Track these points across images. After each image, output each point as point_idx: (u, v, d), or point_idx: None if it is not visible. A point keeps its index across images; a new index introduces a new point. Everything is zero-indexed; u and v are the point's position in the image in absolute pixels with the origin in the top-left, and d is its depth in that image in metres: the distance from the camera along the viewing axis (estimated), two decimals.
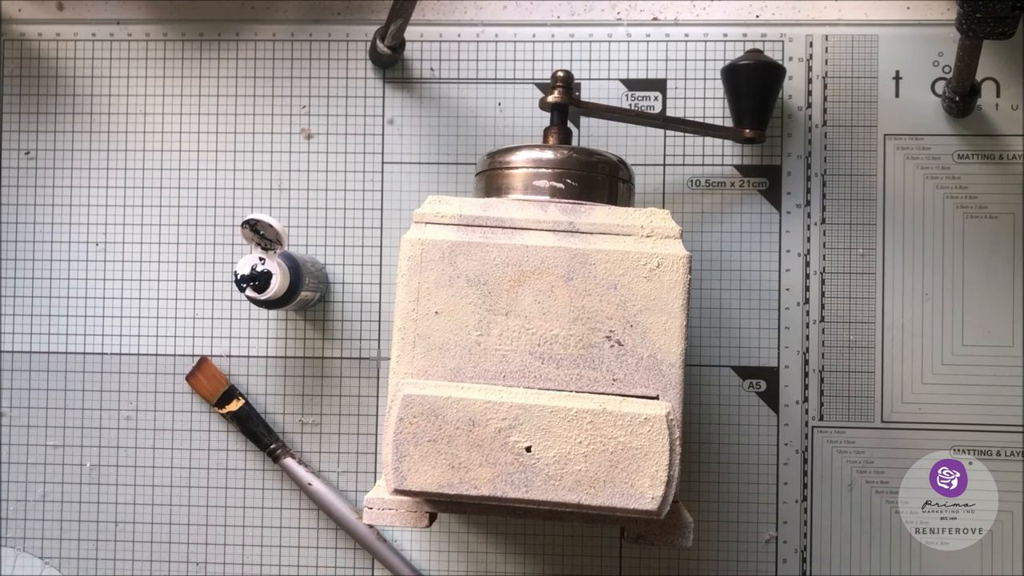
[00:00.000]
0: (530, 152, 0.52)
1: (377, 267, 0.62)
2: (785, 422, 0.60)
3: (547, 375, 0.48)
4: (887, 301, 0.60)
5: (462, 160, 0.62)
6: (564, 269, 0.48)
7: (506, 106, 0.62)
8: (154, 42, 0.63)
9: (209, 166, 0.62)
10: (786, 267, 0.61)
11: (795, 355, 0.60)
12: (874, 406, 0.60)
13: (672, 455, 0.46)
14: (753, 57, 0.59)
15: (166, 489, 0.61)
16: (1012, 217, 0.60)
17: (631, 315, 0.48)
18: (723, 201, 0.61)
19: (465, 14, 0.63)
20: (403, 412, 0.46)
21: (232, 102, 0.63)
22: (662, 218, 0.49)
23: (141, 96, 0.63)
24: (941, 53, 0.61)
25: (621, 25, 0.62)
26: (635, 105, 0.62)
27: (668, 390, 0.47)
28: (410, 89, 0.62)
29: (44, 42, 0.63)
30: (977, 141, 0.61)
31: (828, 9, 0.62)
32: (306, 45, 0.62)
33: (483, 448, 0.46)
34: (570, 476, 0.46)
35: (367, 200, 0.62)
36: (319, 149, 0.62)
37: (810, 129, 0.61)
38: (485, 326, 0.48)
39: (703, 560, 0.60)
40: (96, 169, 0.62)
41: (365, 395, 0.61)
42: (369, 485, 0.61)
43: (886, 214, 0.61)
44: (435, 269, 0.48)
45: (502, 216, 0.49)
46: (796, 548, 0.60)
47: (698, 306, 0.60)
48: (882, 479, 0.60)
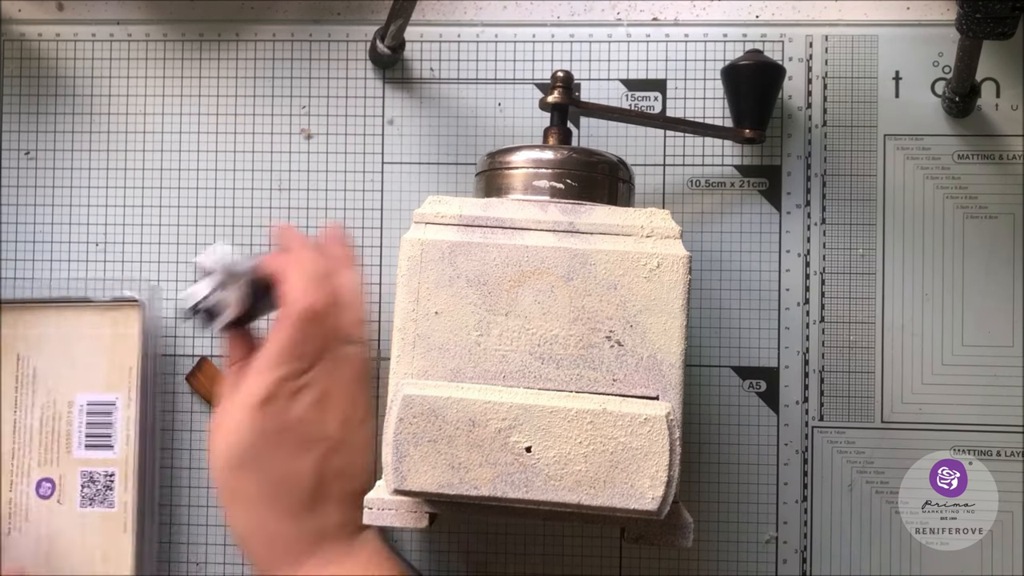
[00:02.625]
0: (530, 152, 0.52)
1: (377, 267, 0.62)
2: (785, 422, 0.60)
3: (547, 375, 0.48)
4: (887, 301, 0.60)
5: (462, 160, 0.62)
6: (564, 269, 0.48)
7: (506, 106, 0.62)
8: (154, 42, 0.63)
9: (209, 166, 0.62)
10: (786, 267, 0.61)
11: (795, 355, 0.60)
12: (874, 406, 0.60)
13: (672, 455, 0.46)
14: (753, 57, 0.59)
15: (166, 489, 0.61)
16: (1012, 217, 0.60)
17: (631, 315, 0.48)
18: (723, 201, 0.61)
19: (465, 14, 0.63)
20: (403, 412, 0.46)
21: (232, 102, 0.63)
22: (662, 218, 0.49)
23: (141, 96, 0.63)
24: (941, 53, 0.61)
25: (621, 25, 0.62)
26: (635, 105, 0.62)
27: (668, 390, 0.47)
28: (410, 89, 0.62)
29: (44, 42, 0.63)
30: (977, 141, 0.61)
31: (828, 9, 0.62)
32: (306, 45, 0.62)
33: (483, 448, 0.46)
34: (570, 476, 0.46)
35: (367, 200, 0.62)
36: (319, 149, 0.62)
37: (810, 129, 0.61)
38: (485, 326, 0.48)
39: (703, 560, 0.60)
40: (96, 169, 0.62)
41: None
42: None
43: (886, 214, 0.61)
44: (435, 269, 0.48)
45: (502, 216, 0.49)
46: (796, 548, 0.60)
47: (698, 306, 0.60)
48: (882, 479, 0.60)
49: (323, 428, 0.51)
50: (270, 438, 0.50)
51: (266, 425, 0.50)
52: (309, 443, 0.51)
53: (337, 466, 0.51)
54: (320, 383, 0.51)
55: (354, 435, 0.52)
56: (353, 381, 0.53)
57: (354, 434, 0.52)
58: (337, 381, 0.52)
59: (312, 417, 0.51)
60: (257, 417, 0.50)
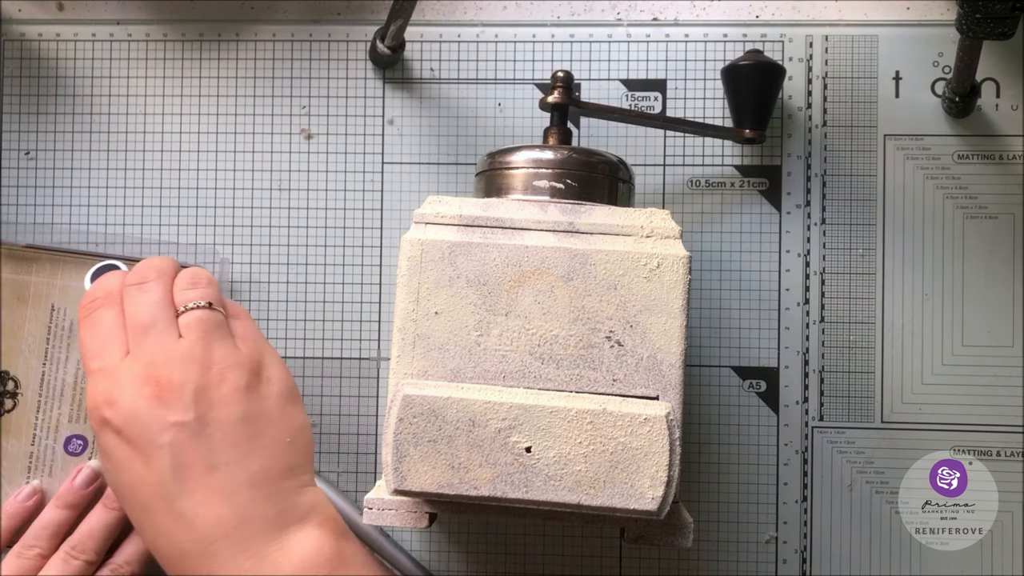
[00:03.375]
0: (530, 152, 0.52)
1: (377, 267, 0.62)
2: (785, 422, 0.60)
3: (547, 375, 0.48)
4: (887, 301, 0.60)
5: (462, 160, 0.62)
6: (564, 269, 0.48)
7: (506, 106, 0.62)
8: (154, 42, 0.63)
9: (209, 166, 0.62)
10: (786, 267, 0.61)
11: (795, 355, 0.60)
12: (874, 406, 0.60)
13: (672, 455, 0.46)
14: (753, 57, 0.59)
15: None
16: (1012, 217, 0.60)
17: (631, 315, 0.48)
18: (723, 201, 0.61)
19: (465, 14, 0.63)
20: (403, 412, 0.46)
21: (232, 102, 0.63)
22: (662, 218, 0.49)
23: (141, 96, 0.63)
24: (941, 53, 0.61)
25: (621, 25, 0.62)
26: (635, 105, 0.62)
27: (668, 390, 0.47)
28: (410, 89, 0.62)
29: (44, 42, 0.63)
30: (977, 141, 0.61)
31: (828, 9, 0.62)
32: (306, 45, 0.62)
33: (483, 448, 0.46)
34: (570, 476, 0.46)
35: (367, 200, 0.62)
36: (319, 149, 0.62)
37: (810, 129, 0.61)
38: (485, 326, 0.48)
39: (703, 560, 0.60)
40: (96, 169, 0.62)
41: (365, 395, 0.61)
42: (369, 485, 0.61)
43: (886, 214, 0.61)
44: (435, 269, 0.48)
45: (502, 216, 0.49)
46: (796, 548, 0.60)
47: (698, 306, 0.60)
48: (882, 479, 0.60)
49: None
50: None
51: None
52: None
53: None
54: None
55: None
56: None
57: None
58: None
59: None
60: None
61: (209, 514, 0.45)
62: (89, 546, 0.55)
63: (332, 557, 0.46)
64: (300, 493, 0.48)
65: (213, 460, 0.46)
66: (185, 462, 0.46)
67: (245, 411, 0.48)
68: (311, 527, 0.47)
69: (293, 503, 0.47)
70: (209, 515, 0.45)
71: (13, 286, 0.59)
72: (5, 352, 0.59)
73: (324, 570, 0.46)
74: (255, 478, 0.47)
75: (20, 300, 0.59)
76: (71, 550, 0.55)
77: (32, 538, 0.56)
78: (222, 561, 0.45)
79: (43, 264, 0.60)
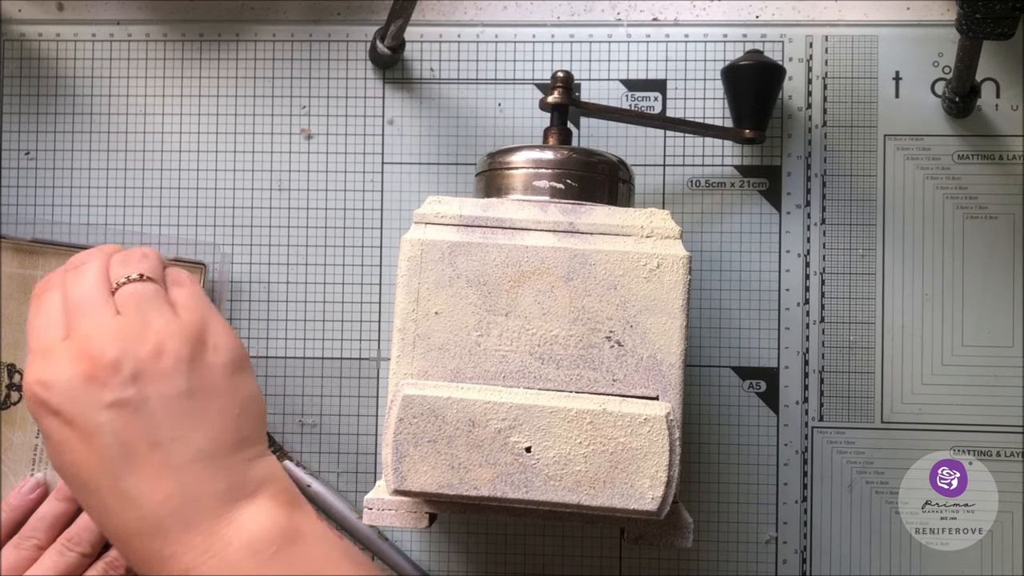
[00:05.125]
0: (530, 152, 0.52)
1: (377, 267, 0.62)
2: (785, 422, 0.60)
3: (547, 375, 0.48)
4: (887, 302, 0.60)
5: (462, 160, 0.62)
6: (564, 269, 0.48)
7: (506, 106, 0.62)
8: (154, 42, 0.63)
9: (209, 166, 0.62)
10: (786, 267, 0.61)
11: (795, 355, 0.60)
12: (874, 406, 0.60)
13: (672, 455, 0.46)
14: (753, 57, 0.59)
15: None
16: (1012, 217, 0.60)
17: (631, 315, 0.48)
18: (723, 201, 0.61)
19: (465, 14, 0.63)
20: (403, 412, 0.46)
21: (232, 102, 0.63)
22: (662, 218, 0.49)
23: (141, 96, 0.63)
24: (941, 53, 0.61)
25: (621, 25, 0.62)
26: (635, 105, 0.62)
27: (668, 390, 0.47)
28: (410, 89, 0.62)
29: (44, 42, 0.63)
30: (977, 141, 0.61)
31: (828, 9, 0.62)
32: (306, 45, 0.62)
33: (483, 448, 0.46)
34: (570, 476, 0.46)
35: (367, 200, 0.62)
36: (319, 149, 0.62)
37: (810, 129, 0.61)
38: (485, 326, 0.48)
39: (703, 560, 0.60)
40: (96, 169, 0.62)
41: (365, 395, 0.61)
42: (369, 485, 0.61)
43: (886, 214, 0.61)
44: (435, 269, 0.48)
45: (502, 216, 0.49)
46: (796, 549, 0.60)
47: (698, 306, 0.60)
48: (882, 479, 0.60)
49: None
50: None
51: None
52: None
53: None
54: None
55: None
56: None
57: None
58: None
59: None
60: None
61: (155, 492, 0.44)
62: (85, 539, 0.55)
63: (285, 530, 0.45)
64: (251, 466, 0.46)
65: (156, 436, 0.44)
66: (127, 440, 0.44)
67: (188, 383, 0.46)
68: (263, 500, 0.45)
69: (244, 476, 0.45)
70: (156, 493, 0.44)
71: (19, 280, 0.60)
72: (10, 345, 0.59)
73: (276, 544, 0.44)
74: (202, 452, 0.45)
75: (26, 294, 0.59)
76: (67, 542, 0.55)
77: (31, 529, 0.56)
78: (172, 538, 0.44)
79: (49, 259, 0.60)
